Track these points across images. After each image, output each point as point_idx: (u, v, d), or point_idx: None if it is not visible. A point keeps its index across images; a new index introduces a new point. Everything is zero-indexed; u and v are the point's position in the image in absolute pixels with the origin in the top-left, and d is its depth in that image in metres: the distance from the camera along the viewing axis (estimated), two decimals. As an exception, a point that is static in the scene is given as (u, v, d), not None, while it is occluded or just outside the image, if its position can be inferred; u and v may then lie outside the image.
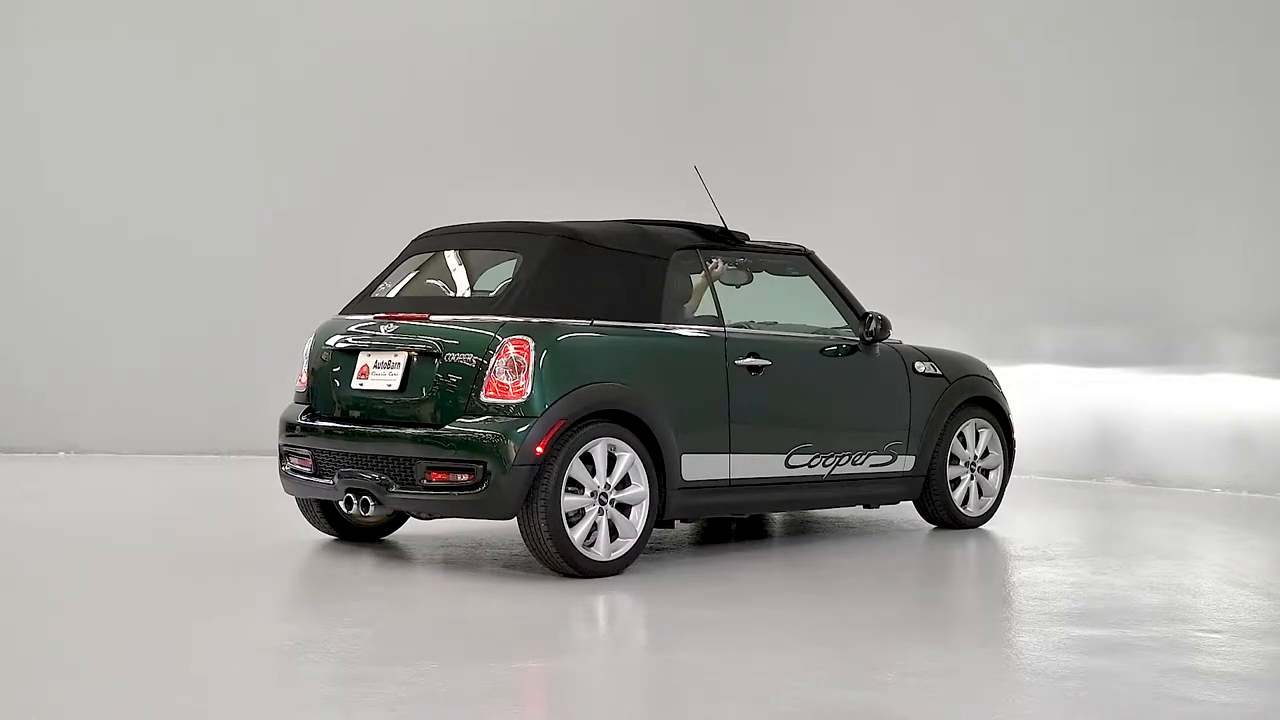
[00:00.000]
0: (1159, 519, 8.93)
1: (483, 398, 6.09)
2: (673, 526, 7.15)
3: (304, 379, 6.85)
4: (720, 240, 7.09)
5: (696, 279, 7.35)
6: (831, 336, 7.48)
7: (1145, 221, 10.71)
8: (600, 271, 6.53)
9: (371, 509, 6.34)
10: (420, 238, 7.17)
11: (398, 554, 6.88)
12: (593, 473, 6.16)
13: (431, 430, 6.16)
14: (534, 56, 12.25)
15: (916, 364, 7.72)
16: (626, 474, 6.26)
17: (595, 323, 6.39)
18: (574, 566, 6.11)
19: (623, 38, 12.34)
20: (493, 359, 6.08)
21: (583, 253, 6.52)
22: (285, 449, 6.79)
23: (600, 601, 5.83)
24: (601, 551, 6.18)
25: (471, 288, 6.87)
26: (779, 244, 7.50)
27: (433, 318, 6.43)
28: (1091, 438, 10.89)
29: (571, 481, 6.09)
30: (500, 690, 4.39)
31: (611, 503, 6.21)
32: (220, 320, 11.86)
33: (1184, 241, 10.54)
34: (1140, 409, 10.68)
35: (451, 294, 6.85)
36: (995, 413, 8.06)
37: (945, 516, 7.87)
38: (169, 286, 11.87)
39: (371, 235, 10.57)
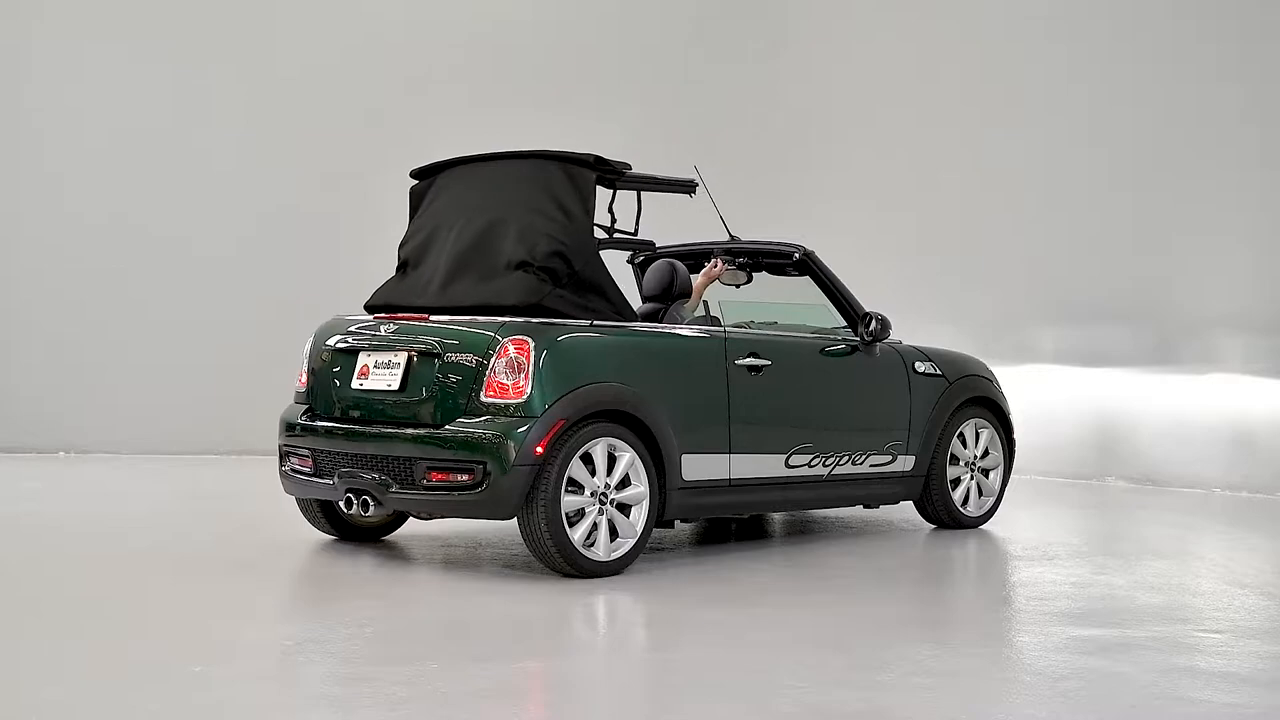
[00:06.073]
0: (1159, 519, 8.92)
1: (483, 398, 6.08)
2: (673, 526, 7.14)
3: (304, 379, 6.85)
4: (597, 169, 6.61)
5: (697, 279, 7.34)
6: (831, 336, 7.48)
7: (1145, 221, 10.71)
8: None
9: (371, 509, 6.33)
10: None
11: (398, 554, 6.87)
12: (593, 473, 6.15)
13: (431, 430, 6.15)
14: (534, 56, 12.26)
15: (916, 364, 7.72)
16: (626, 474, 6.25)
17: (595, 323, 6.39)
18: (574, 566, 6.11)
19: (622, 37, 12.35)
20: (492, 359, 6.07)
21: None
22: (285, 449, 6.79)
23: (600, 601, 5.83)
24: (601, 551, 6.18)
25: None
26: (778, 244, 7.49)
27: (432, 318, 6.44)
28: (1091, 438, 10.89)
29: (571, 481, 6.08)
30: (500, 690, 4.39)
31: (611, 503, 6.20)
32: (220, 320, 11.87)
33: (1184, 241, 10.54)
34: (1140, 409, 10.68)
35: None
36: (995, 413, 8.05)
37: (945, 516, 7.87)
38: (169, 286, 11.88)
39: (372, 235, 10.56)
